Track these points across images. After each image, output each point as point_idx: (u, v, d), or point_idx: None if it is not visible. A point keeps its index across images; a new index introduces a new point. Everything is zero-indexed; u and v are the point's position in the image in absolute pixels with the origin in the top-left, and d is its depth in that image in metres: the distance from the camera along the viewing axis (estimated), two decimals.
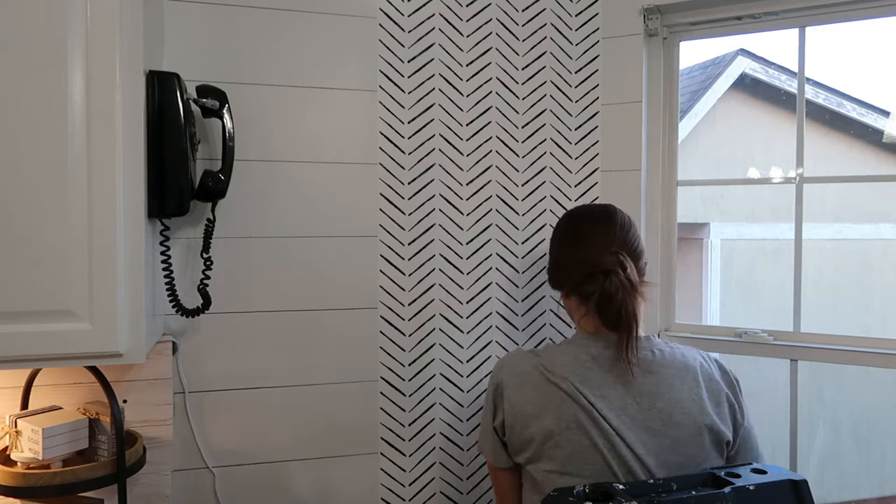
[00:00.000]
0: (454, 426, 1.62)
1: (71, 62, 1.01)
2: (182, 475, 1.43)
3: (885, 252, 3.69)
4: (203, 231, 1.39)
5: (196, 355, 1.44)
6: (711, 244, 3.54)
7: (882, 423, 3.11)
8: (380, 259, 1.55)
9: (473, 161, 1.61)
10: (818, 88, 3.54)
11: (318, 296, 1.51)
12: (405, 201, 1.57)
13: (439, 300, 1.60)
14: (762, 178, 2.71)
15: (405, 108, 1.56)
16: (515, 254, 1.65)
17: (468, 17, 1.60)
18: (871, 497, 3.17)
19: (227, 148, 1.34)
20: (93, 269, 1.02)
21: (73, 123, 1.01)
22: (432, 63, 1.58)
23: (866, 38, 2.76)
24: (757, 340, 1.62)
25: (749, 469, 1.06)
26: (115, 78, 1.03)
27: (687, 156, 2.70)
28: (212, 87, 1.34)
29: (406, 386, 1.58)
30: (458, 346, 1.61)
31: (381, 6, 1.54)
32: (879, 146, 3.70)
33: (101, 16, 1.02)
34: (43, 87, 1.00)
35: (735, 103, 3.76)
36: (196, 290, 1.38)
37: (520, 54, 1.64)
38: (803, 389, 1.63)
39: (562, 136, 1.67)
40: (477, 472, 1.64)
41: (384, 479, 1.57)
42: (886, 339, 1.52)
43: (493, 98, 1.62)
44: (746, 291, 3.63)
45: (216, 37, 1.43)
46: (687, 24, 1.66)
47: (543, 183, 1.66)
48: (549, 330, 1.68)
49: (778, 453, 1.66)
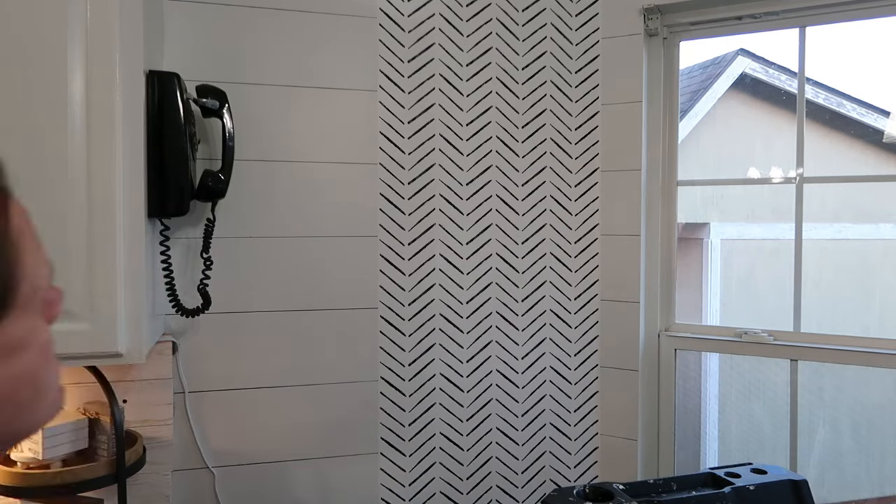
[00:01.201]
0: (454, 426, 1.62)
1: (71, 62, 1.01)
2: (182, 475, 1.43)
3: (885, 252, 3.69)
4: (203, 231, 1.39)
5: (196, 355, 1.44)
6: (711, 244, 3.54)
7: (882, 423, 3.11)
8: (380, 259, 1.55)
9: (473, 161, 1.62)
10: (818, 88, 3.54)
11: (318, 296, 1.51)
12: (405, 201, 1.57)
13: (439, 300, 1.60)
14: (762, 178, 2.71)
15: (405, 108, 1.56)
16: (515, 254, 1.65)
17: (468, 17, 1.60)
18: (871, 497, 3.17)
19: (227, 148, 1.34)
20: (93, 269, 1.02)
21: (73, 123, 1.01)
22: (432, 63, 1.58)
23: (866, 38, 2.76)
24: (757, 340, 1.62)
25: (749, 469, 1.06)
26: (115, 78, 1.03)
27: (687, 156, 2.70)
28: (212, 87, 1.34)
29: (406, 386, 1.58)
30: (458, 346, 1.61)
31: (381, 6, 1.54)
32: (879, 146, 3.70)
33: (101, 16, 1.02)
34: (43, 86, 1.00)
35: (735, 103, 3.76)
36: (196, 290, 1.38)
37: (520, 54, 1.64)
38: (803, 389, 1.63)
39: (562, 136, 1.67)
40: (477, 472, 1.64)
41: (384, 479, 1.57)
42: (886, 339, 1.52)
43: (493, 98, 1.62)
44: (746, 291, 3.63)
45: (216, 37, 1.43)
46: (687, 24, 1.66)
47: (543, 183, 1.66)
48: (549, 330, 1.68)
49: (778, 453, 1.66)
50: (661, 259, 1.70)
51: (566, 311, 1.68)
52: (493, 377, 1.64)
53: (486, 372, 1.64)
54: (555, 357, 1.68)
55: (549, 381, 1.68)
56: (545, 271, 1.67)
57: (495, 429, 1.65)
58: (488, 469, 1.65)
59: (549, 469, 1.69)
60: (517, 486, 1.67)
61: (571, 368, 1.69)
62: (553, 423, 1.68)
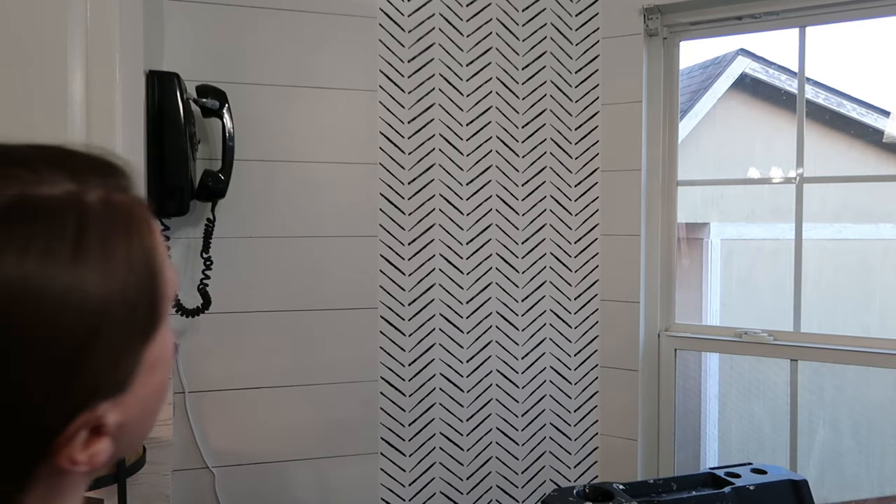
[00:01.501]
0: (454, 426, 1.62)
1: (71, 62, 1.01)
2: (182, 475, 1.43)
3: (885, 252, 3.69)
4: (203, 231, 1.39)
5: (196, 355, 1.43)
6: (711, 244, 3.54)
7: (882, 423, 3.10)
8: (380, 259, 1.55)
9: (473, 161, 1.61)
10: (818, 88, 3.53)
11: (318, 296, 1.51)
12: (405, 201, 1.57)
13: (439, 300, 1.60)
14: (762, 178, 2.71)
15: (405, 108, 1.56)
16: (515, 254, 1.65)
17: (468, 17, 1.60)
18: (871, 497, 3.17)
19: (227, 148, 1.34)
20: None
21: (73, 123, 1.01)
22: (432, 63, 1.58)
23: (866, 38, 2.76)
24: (757, 340, 1.61)
25: (749, 469, 1.06)
26: (115, 78, 1.03)
27: (687, 156, 2.70)
28: (212, 87, 1.34)
29: (406, 386, 1.58)
30: (458, 346, 1.61)
31: (381, 6, 1.54)
32: (879, 146, 3.69)
33: (101, 16, 1.01)
34: (43, 86, 1.00)
35: (735, 103, 3.76)
36: (196, 290, 1.38)
37: (520, 54, 1.64)
38: (803, 389, 1.63)
39: (562, 136, 1.67)
40: (477, 471, 1.64)
41: (384, 479, 1.57)
42: (886, 339, 1.52)
43: (493, 98, 1.62)
44: (746, 291, 3.63)
45: (216, 37, 1.43)
46: (687, 24, 1.66)
47: (543, 183, 1.66)
48: (549, 330, 1.68)
49: (778, 453, 1.66)
50: (661, 259, 1.70)
51: (566, 311, 1.68)
52: (493, 377, 1.64)
53: (486, 372, 1.64)
54: (555, 357, 1.68)
55: (549, 381, 1.68)
56: (545, 271, 1.67)
57: (495, 429, 1.65)
58: (488, 469, 1.65)
59: (549, 469, 1.69)
60: (517, 486, 1.67)
61: (571, 368, 1.69)
62: (553, 423, 1.68)
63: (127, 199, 0.40)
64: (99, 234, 0.36)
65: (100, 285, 0.35)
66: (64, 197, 0.36)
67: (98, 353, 0.36)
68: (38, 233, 0.34)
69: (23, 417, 0.35)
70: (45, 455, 0.36)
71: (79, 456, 0.37)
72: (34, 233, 0.34)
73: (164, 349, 0.42)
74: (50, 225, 0.35)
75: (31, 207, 0.35)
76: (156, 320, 0.40)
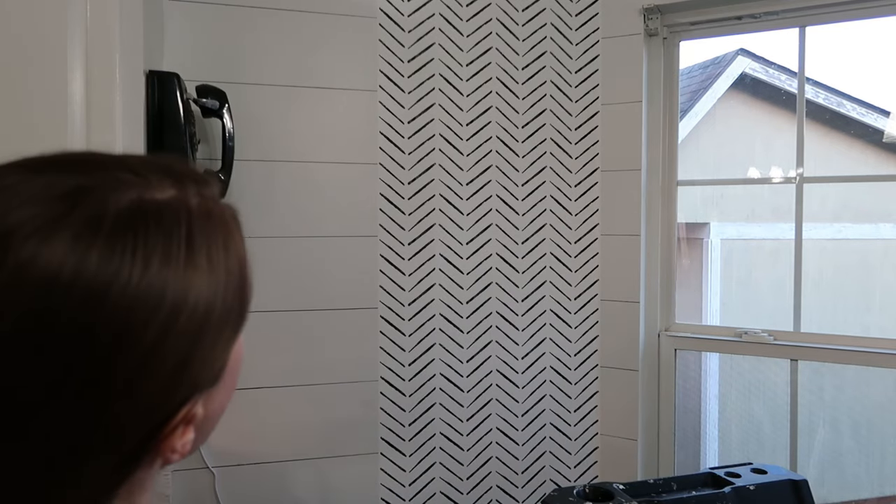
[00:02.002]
0: (454, 426, 1.62)
1: (71, 62, 1.01)
2: (182, 475, 1.43)
3: (885, 252, 3.69)
4: None
5: None
6: (711, 244, 3.54)
7: (882, 423, 3.10)
8: (380, 259, 1.55)
9: (473, 161, 1.61)
10: (818, 88, 3.53)
11: (318, 296, 1.51)
12: (405, 201, 1.57)
13: (439, 300, 1.60)
14: (762, 178, 2.71)
15: (405, 108, 1.56)
16: (515, 254, 1.65)
17: (468, 17, 1.60)
18: (871, 497, 3.17)
19: (227, 148, 1.34)
20: None
21: (73, 123, 1.01)
22: (432, 63, 1.58)
23: (866, 38, 2.76)
24: (757, 340, 1.62)
25: (749, 469, 1.06)
26: (115, 78, 1.03)
27: (687, 156, 2.70)
28: (212, 87, 1.34)
29: (406, 386, 1.58)
30: (458, 346, 1.61)
31: (381, 6, 1.54)
32: (879, 146, 3.69)
33: (101, 16, 1.01)
34: (43, 86, 1.00)
35: (735, 103, 3.76)
36: None
37: (520, 54, 1.64)
38: (803, 389, 1.63)
39: (562, 136, 1.67)
40: (477, 472, 1.64)
41: (384, 479, 1.57)
42: (886, 339, 1.52)
43: (493, 98, 1.62)
44: (746, 291, 3.63)
45: (216, 37, 1.43)
46: (687, 23, 1.66)
47: (543, 183, 1.66)
48: (549, 330, 1.68)
49: (778, 453, 1.66)
50: (661, 259, 1.70)
51: (566, 311, 1.68)
52: (493, 377, 1.64)
53: (486, 372, 1.64)
54: (555, 357, 1.68)
55: (549, 381, 1.68)
56: (545, 271, 1.67)
57: (495, 429, 1.65)
58: (488, 469, 1.65)
59: (549, 469, 1.69)
60: (517, 486, 1.67)
61: (571, 368, 1.69)
62: (553, 423, 1.68)
63: (221, 206, 0.42)
64: (204, 239, 0.38)
65: (207, 288, 0.38)
66: (173, 202, 0.38)
67: (203, 349, 0.39)
68: (157, 237, 0.36)
69: (139, 405, 0.36)
70: (156, 442, 0.38)
71: (177, 444, 0.40)
72: (154, 237, 0.36)
73: (241, 348, 0.46)
74: (165, 229, 0.37)
75: (150, 212, 0.36)
76: (243, 321, 0.43)
